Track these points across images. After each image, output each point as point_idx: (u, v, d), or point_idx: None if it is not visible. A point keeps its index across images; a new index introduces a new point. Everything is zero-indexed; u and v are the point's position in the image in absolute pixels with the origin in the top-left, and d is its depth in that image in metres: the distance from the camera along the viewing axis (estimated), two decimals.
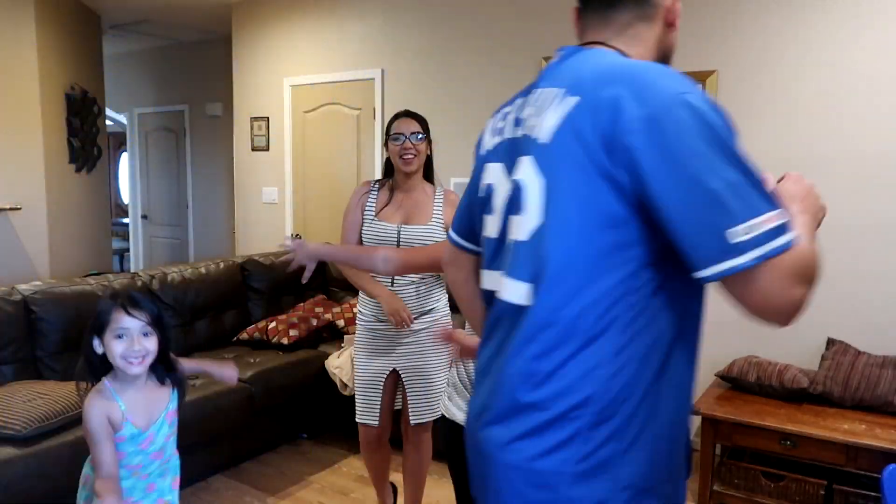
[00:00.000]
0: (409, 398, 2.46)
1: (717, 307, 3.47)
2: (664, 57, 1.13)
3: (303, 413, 3.58)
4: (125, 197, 8.33)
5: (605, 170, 0.93)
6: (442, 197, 2.47)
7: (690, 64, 3.40)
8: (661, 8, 1.10)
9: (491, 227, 1.14)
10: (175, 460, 1.83)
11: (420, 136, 2.39)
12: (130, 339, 1.62)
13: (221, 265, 3.86)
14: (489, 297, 1.15)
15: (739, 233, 0.85)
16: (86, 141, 5.34)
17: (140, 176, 7.43)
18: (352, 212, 2.48)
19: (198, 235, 6.91)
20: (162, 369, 1.74)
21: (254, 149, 5.34)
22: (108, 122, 6.41)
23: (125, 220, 8.06)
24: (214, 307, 3.73)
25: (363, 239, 2.44)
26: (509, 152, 1.11)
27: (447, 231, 2.43)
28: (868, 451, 2.46)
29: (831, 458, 2.54)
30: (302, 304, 3.95)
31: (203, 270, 3.74)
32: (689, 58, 3.40)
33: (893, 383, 2.70)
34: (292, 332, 3.64)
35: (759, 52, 3.23)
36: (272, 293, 4.00)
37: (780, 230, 0.86)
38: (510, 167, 1.09)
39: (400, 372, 2.44)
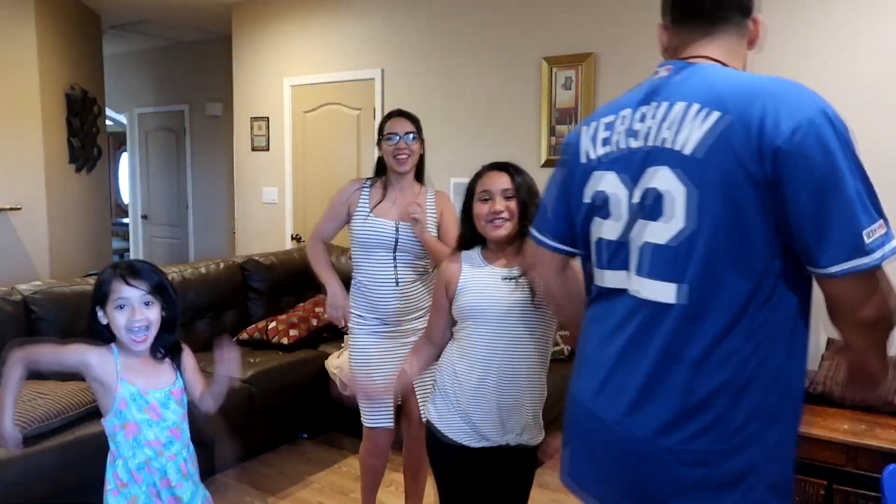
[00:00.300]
0: (418, 395, 2.42)
1: None
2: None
3: (303, 413, 3.58)
4: (125, 197, 8.33)
5: (754, 178, 1.04)
6: (433, 198, 2.45)
7: None
8: (749, 27, 1.26)
9: (608, 230, 1.24)
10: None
11: (413, 136, 2.37)
12: (131, 309, 1.61)
13: (221, 265, 3.86)
14: (608, 292, 1.26)
15: (866, 235, 1.00)
16: (86, 141, 5.35)
17: (140, 176, 7.43)
18: (335, 207, 2.44)
19: (198, 235, 6.91)
20: (165, 342, 1.71)
21: (254, 149, 5.34)
22: (108, 122, 6.41)
23: (125, 220, 8.06)
24: (214, 307, 3.73)
25: (357, 238, 2.39)
26: (630, 161, 1.20)
27: (438, 229, 2.40)
28: (868, 451, 2.46)
29: (831, 458, 2.54)
30: (302, 305, 3.95)
31: (203, 270, 3.74)
32: None
33: (893, 383, 2.70)
34: (292, 332, 3.64)
35: (758, 52, 3.22)
36: (272, 293, 4.00)
37: (888, 236, 1.01)
38: (634, 175, 1.19)
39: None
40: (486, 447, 1.76)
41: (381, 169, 2.46)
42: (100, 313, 1.65)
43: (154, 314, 1.65)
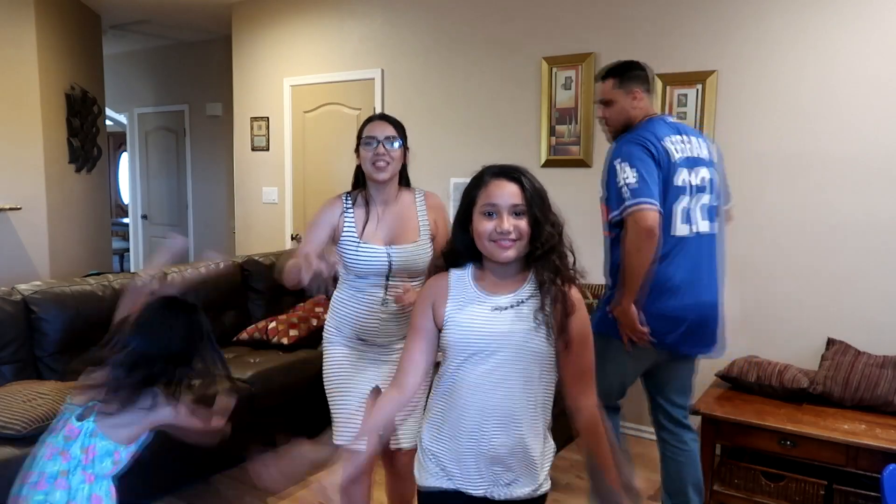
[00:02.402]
0: (395, 420, 2.13)
1: None
2: None
3: (303, 413, 3.57)
4: (125, 197, 8.33)
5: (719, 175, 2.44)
6: (423, 202, 2.22)
7: (690, 64, 3.40)
8: None
9: (686, 202, 2.28)
10: None
11: (396, 142, 2.11)
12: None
13: (221, 265, 3.85)
14: (677, 239, 2.27)
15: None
16: (86, 141, 5.34)
17: (140, 176, 7.43)
18: (320, 228, 2.16)
19: (198, 235, 6.91)
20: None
21: (254, 149, 5.34)
22: (108, 122, 6.41)
23: (125, 220, 8.06)
24: (214, 307, 3.73)
25: (347, 264, 2.14)
26: (689, 163, 2.30)
27: (433, 238, 2.21)
28: (868, 451, 2.46)
29: (831, 458, 2.54)
30: (302, 304, 3.95)
31: (203, 270, 3.74)
32: (689, 58, 3.41)
33: (893, 383, 2.70)
34: (292, 332, 3.64)
35: (759, 52, 3.23)
36: (272, 293, 4.00)
37: None
38: (690, 172, 2.29)
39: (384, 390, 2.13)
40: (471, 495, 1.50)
41: (359, 181, 2.21)
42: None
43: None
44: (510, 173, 1.47)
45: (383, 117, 2.18)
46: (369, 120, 2.18)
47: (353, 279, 2.19)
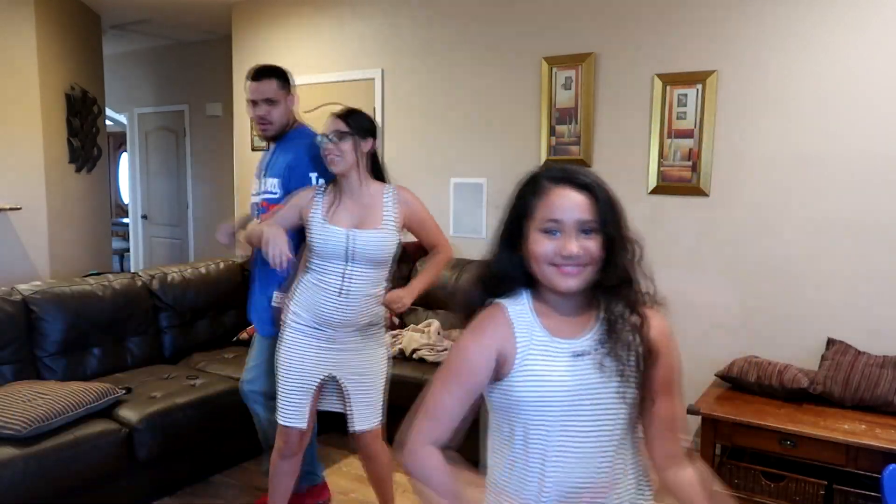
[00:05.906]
0: (353, 405, 2.34)
1: (717, 307, 3.50)
2: None
3: None
4: (125, 197, 8.33)
5: None
6: (391, 196, 2.31)
7: (690, 64, 3.40)
8: None
9: None
10: None
11: (341, 136, 2.23)
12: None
13: (221, 265, 3.86)
14: None
15: None
16: (86, 141, 5.34)
17: (140, 176, 7.43)
18: (289, 209, 2.36)
19: (198, 235, 6.91)
20: None
21: (254, 149, 5.33)
22: (108, 122, 6.40)
23: (125, 220, 8.06)
24: (214, 307, 3.73)
25: (312, 244, 2.29)
26: None
27: (415, 232, 2.39)
28: (868, 451, 2.46)
29: (831, 458, 2.54)
30: None
31: (203, 270, 3.74)
32: (689, 58, 3.41)
33: (893, 383, 2.70)
34: None
35: (759, 52, 3.23)
36: None
37: None
38: None
39: (339, 378, 2.33)
40: None
41: None
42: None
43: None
44: (576, 179, 1.14)
45: (335, 113, 2.33)
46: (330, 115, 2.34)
47: (316, 263, 2.30)
